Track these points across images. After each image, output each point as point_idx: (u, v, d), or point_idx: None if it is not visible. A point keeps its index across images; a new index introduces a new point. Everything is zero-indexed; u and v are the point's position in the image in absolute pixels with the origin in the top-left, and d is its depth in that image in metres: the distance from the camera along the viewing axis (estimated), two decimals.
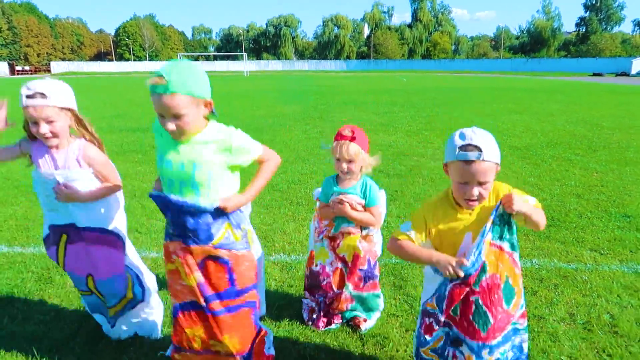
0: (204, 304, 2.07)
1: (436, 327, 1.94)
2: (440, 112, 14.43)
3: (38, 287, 3.28)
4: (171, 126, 1.92)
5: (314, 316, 2.81)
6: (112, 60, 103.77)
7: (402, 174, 6.47)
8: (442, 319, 1.90)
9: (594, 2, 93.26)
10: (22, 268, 3.57)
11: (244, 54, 77.07)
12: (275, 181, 6.11)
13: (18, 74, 74.13)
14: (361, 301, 2.76)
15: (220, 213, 2.05)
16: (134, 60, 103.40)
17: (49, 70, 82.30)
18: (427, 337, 1.98)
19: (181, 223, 2.05)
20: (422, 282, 3.27)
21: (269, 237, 4.23)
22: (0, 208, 5.04)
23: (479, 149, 1.75)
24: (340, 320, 2.80)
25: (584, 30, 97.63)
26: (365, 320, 2.78)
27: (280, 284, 3.35)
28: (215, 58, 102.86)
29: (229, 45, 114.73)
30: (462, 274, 1.77)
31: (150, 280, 2.67)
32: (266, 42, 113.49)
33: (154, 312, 2.71)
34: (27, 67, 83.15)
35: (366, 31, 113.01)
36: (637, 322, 2.83)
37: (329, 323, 2.78)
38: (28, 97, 2.14)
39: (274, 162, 2.21)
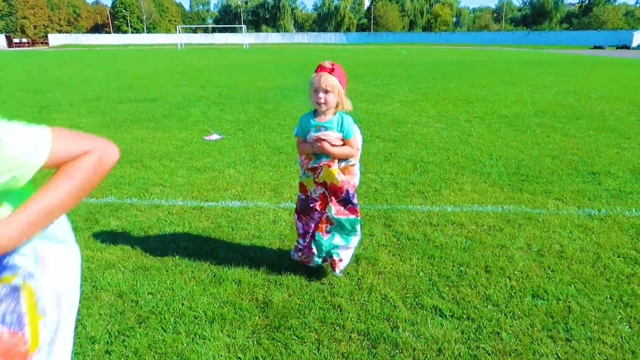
0: None
1: None
2: (437, 84, 14.91)
3: (87, 226, 3.92)
4: None
5: (300, 254, 3.07)
6: (110, 32, 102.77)
7: (397, 139, 7.06)
8: None
9: None
10: (70, 212, 4.20)
11: (243, 26, 76.50)
12: (281, 145, 6.70)
13: (16, 47, 73.71)
14: (340, 225, 2.93)
15: None
16: (132, 32, 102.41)
17: (46, 43, 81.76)
18: None
19: None
20: (408, 222, 3.93)
21: (278, 189, 4.85)
22: None
23: None
24: (318, 260, 3.01)
25: (586, 2, 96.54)
26: (340, 260, 2.98)
27: (289, 224, 3.98)
28: (214, 30, 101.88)
29: (228, 17, 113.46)
30: None
31: None
32: (265, 14, 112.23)
33: None
34: (24, 40, 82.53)
35: (366, 3, 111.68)
36: (581, 249, 3.48)
37: (307, 260, 3.04)
38: None
39: (96, 157, 1.21)
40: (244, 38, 68.70)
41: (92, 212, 4.20)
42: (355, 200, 2.93)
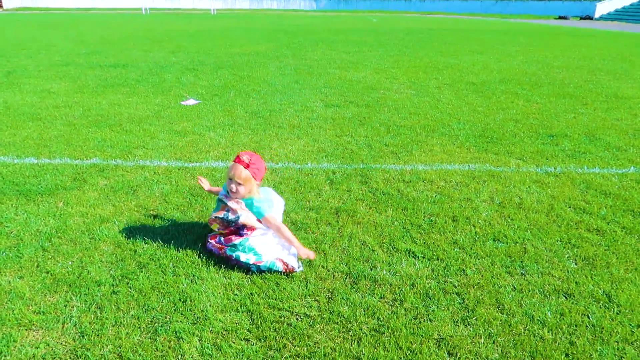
0: None
1: None
2: (407, 51, 15.13)
3: (75, 185, 4.06)
4: None
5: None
6: None
7: (370, 104, 7.32)
8: None
9: None
10: (57, 173, 4.32)
11: None
12: (258, 110, 6.86)
13: None
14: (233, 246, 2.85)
15: None
16: None
17: (0, 6, 77.17)
18: None
19: None
20: (383, 180, 4.22)
21: (258, 151, 5.06)
22: (15, 130, 5.66)
23: None
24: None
25: None
26: (287, 264, 2.78)
27: (272, 181, 4.22)
28: None
29: None
30: None
31: None
32: None
33: None
34: None
35: None
36: (537, 201, 3.86)
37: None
38: None
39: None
40: (211, 3, 66.66)
41: (78, 173, 4.33)
42: (246, 233, 2.87)
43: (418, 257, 3.01)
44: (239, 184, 2.74)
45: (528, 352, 2.24)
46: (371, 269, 2.87)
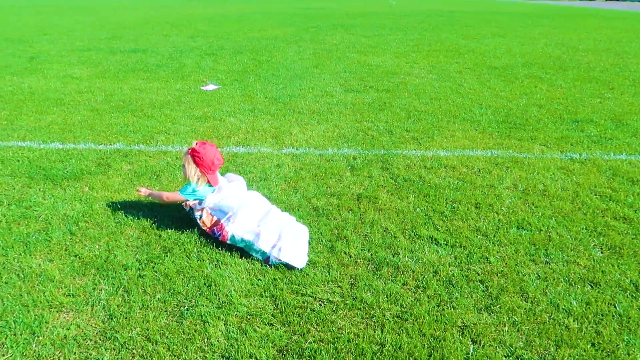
0: None
1: None
2: (427, 35, 14.89)
3: (100, 170, 4.13)
4: None
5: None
6: None
7: (390, 89, 7.24)
8: None
9: None
10: (82, 158, 4.39)
11: None
12: (278, 95, 6.85)
13: None
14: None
15: None
16: None
17: None
18: None
19: None
20: (404, 166, 4.19)
21: (279, 136, 5.07)
22: (40, 116, 5.76)
23: None
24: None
25: None
26: (286, 258, 2.76)
27: (293, 168, 4.23)
28: None
29: None
30: None
31: None
32: None
33: None
34: None
35: None
36: (562, 188, 3.80)
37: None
38: None
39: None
40: None
41: (103, 158, 4.40)
42: (220, 232, 2.90)
43: (440, 244, 3.00)
44: (183, 164, 3.03)
45: (553, 340, 2.22)
46: (393, 256, 2.87)
